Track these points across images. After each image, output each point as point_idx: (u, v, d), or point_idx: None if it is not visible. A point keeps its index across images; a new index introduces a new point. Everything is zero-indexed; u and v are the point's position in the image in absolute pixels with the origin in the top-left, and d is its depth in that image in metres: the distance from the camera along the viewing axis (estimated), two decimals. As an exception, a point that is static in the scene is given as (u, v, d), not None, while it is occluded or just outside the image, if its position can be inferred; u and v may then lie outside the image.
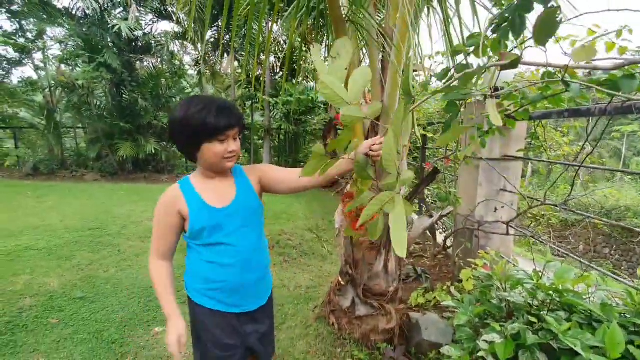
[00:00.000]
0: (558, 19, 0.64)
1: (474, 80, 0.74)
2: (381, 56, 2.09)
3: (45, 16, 8.11)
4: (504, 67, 0.71)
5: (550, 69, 0.92)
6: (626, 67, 1.04)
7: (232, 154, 1.16)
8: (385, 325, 2.23)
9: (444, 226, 4.61)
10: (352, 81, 0.88)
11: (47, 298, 2.74)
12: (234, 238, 1.20)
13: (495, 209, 2.50)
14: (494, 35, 0.80)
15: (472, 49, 0.72)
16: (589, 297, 1.25)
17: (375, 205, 0.83)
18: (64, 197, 6.24)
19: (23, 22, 9.10)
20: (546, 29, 0.64)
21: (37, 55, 9.84)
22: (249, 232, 1.25)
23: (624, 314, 1.13)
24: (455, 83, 0.80)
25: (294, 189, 1.33)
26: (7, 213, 4.92)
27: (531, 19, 0.75)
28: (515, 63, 0.71)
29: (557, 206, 1.83)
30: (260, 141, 10.52)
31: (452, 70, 0.80)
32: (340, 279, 2.44)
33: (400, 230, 0.80)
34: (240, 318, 1.27)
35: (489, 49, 0.82)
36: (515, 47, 0.84)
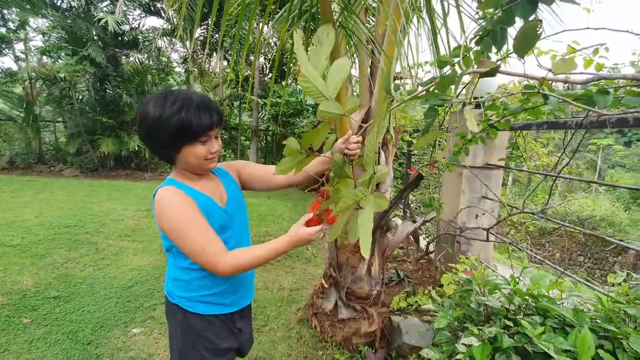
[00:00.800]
0: (538, 32, 0.67)
1: (453, 87, 0.76)
2: (370, 62, 2.13)
3: (28, 6, 7.85)
4: (483, 75, 0.74)
5: (531, 81, 0.96)
6: (601, 83, 1.09)
7: (214, 155, 1.07)
8: (367, 329, 2.25)
9: (427, 231, 4.69)
10: (331, 75, 0.86)
11: (19, 297, 2.64)
12: (237, 236, 1.16)
13: (477, 216, 2.56)
14: (478, 48, 0.83)
15: (457, 59, 0.74)
16: (562, 303, 1.29)
17: (349, 198, 0.83)
18: (40, 192, 6.03)
19: (5, 11, 8.80)
20: (526, 41, 0.67)
21: (18, 46, 9.53)
22: (245, 229, 1.23)
23: (595, 319, 1.18)
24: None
25: (270, 187, 1.29)
26: (-21, 208, 4.72)
27: (512, 32, 0.79)
28: (493, 71, 0.73)
29: (534, 214, 1.90)
30: (247, 142, 10.45)
31: (434, 79, 0.83)
32: (323, 282, 2.45)
33: (367, 230, 0.81)
34: (234, 315, 1.22)
35: (473, 61, 0.85)
36: (500, 60, 0.87)
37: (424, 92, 0.81)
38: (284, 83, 8.51)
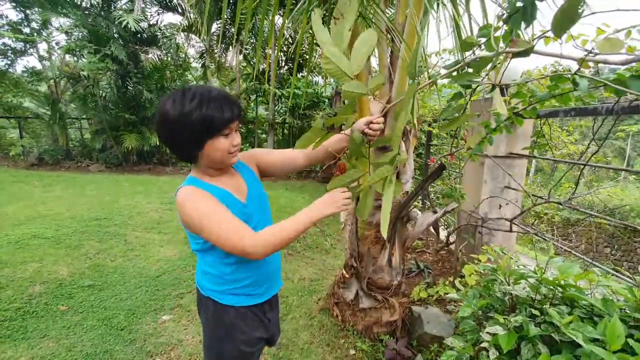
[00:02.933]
0: (580, 11, 0.63)
1: (488, 68, 0.74)
2: (389, 52, 2.11)
3: (50, 5, 8.10)
4: (516, 55, 0.72)
5: (564, 64, 0.94)
6: (634, 67, 1.06)
7: (236, 148, 1.07)
8: (388, 318, 2.28)
9: (446, 223, 4.64)
10: (356, 49, 0.84)
11: (56, 285, 2.79)
12: (260, 229, 1.13)
13: (500, 206, 2.52)
14: (505, 27, 0.81)
15: (483, 40, 0.72)
16: (591, 293, 1.28)
17: (377, 176, 0.84)
18: (69, 187, 6.30)
19: (28, 12, 9.12)
20: (566, 20, 0.63)
21: (42, 45, 9.88)
22: (268, 221, 1.24)
23: (625, 308, 1.16)
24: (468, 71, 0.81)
25: (290, 169, 1.29)
26: (15, 202, 4.98)
27: (542, 10, 0.75)
28: (528, 51, 0.70)
29: (561, 204, 1.86)
30: (264, 135, 10.54)
31: (465, 60, 0.80)
32: (344, 272, 2.48)
33: (387, 209, 0.83)
34: (264, 306, 1.25)
35: (500, 41, 0.83)
36: (536, 39, 0.83)
37: (455, 72, 0.80)
38: (303, 75, 8.50)
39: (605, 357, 0.92)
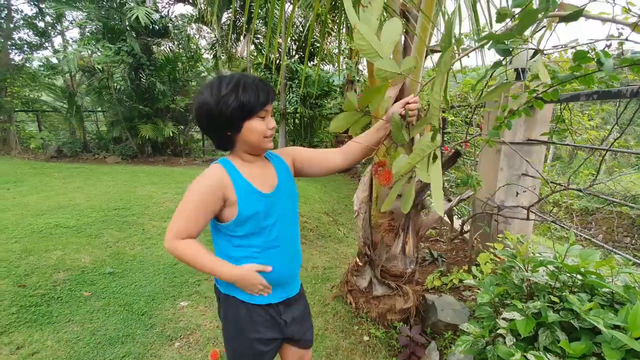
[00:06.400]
0: None
1: (530, 31, 0.70)
2: (404, 37, 2.06)
3: (63, -1, 8.21)
4: (563, 19, 0.68)
5: (585, 47, 0.90)
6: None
7: (272, 131, 1.10)
8: (402, 305, 2.28)
9: (460, 212, 4.59)
10: (384, 34, 0.84)
11: (79, 272, 2.89)
12: (280, 225, 1.15)
13: (517, 194, 2.48)
14: None
15: (518, 10, 0.69)
16: (612, 281, 1.25)
17: (418, 154, 0.83)
18: (88, 178, 6.47)
19: (42, 5, 9.26)
20: None
21: (57, 39, 10.05)
22: (292, 218, 1.21)
23: (647, 296, 1.13)
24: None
25: (328, 169, 1.27)
26: (37, 193, 5.15)
27: None
28: (577, 14, 0.67)
29: (581, 191, 1.81)
30: (276, 125, 10.53)
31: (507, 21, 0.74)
32: (358, 260, 2.49)
33: (438, 187, 0.81)
34: (280, 307, 1.22)
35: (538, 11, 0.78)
36: (584, 5, 0.79)
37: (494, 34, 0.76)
38: (312, 64, 8.43)
39: (628, 342, 0.91)
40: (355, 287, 2.49)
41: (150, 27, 8.87)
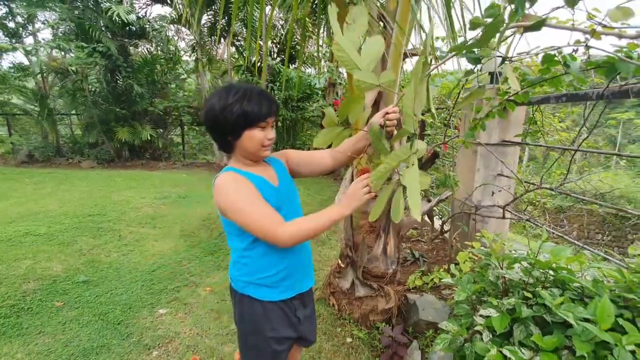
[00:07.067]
0: None
1: (495, 39, 0.73)
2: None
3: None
4: (527, 29, 0.71)
5: (552, 52, 0.94)
6: (624, 50, 1.06)
7: (270, 142, 1.16)
8: (384, 306, 2.30)
9: (440, 212, 4.67)
10: (366, 49, 0.86)
11: (50, 282, 2.77)
12: (290, 217, 1.18)
13: (493, 193, 2.54)
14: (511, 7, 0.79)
15: (489, 20, 0.71)
16: (582, 275, 1.30)
17: (393, 160, 0.83)
18: (61, 183, 6.23)
19: (12, 5, 8.88)
20: None
21: (28, 40, 9.64)
22: (297, 211, 1.29)
23: (615, 289, 1.18)
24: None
25: (319, 169, 1.35)
26: (6, 199, 4.92)
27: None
28: (540, 24, 0.70)
29: (552, 189, 1.87)
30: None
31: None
32: (340, 262, 2.49)
33: (415, 192, 0.82)
34: (295, 302, 1.27)
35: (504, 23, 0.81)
36: (546, 14, 0.82)
37: (464, 45, 0.78)
38: (294, 66, 8.42)
39: (597, 334, 0.94)
40: (338, 289, 2.49)
41: (127, 28, 8.67)
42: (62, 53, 9.13)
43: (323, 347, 2.17)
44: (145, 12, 9.41)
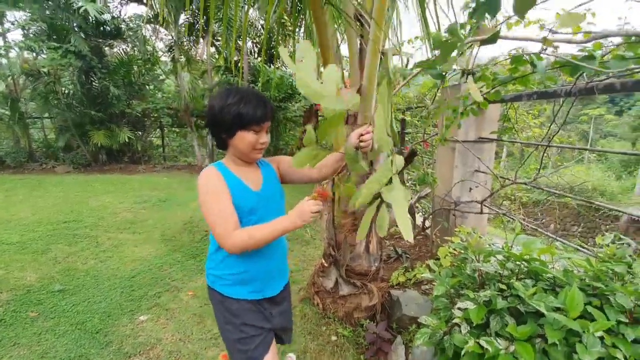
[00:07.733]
0: None
1: (454, 54, 0.76)
2: (359, 40, 2.11)
3: (3, -2, 7.56)
4: (483, 42, 0.74)
5: (520, 51, 0.97)
6: (587, 48, 1.11)
7: (262, 146, 1.22)
8: (367, 303, 2.32)
9: (422, 208, 4.75)
10: (325, 79, 0.89)
11: (24, 292, 2.67)
12: (269, 220, 1.22)
13: (470, 189, 2.60)
14: (473, 19, 0.83)
15: (449, 38, 0.74)
16: (553, 266, 1.35)
17: (374, 183, 0.84)
18: (34, 190, 5.99)
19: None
20: (526, 1, 0.66)
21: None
22: (280, 215, 1.29)
23: (584, 278, 1.23)
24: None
25: (305, 180, 1.43)
26: (-26, 208, 4.69)
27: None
28: (494, 37, 0.73)
29: (526, 184, 1.94)
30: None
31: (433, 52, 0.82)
32: (323, 261, 2.50)
33: (403, 212, 0.82)
34: (264, 304, 1.33)
35: (466, 31, 0.85)
36: (500, 24, 0.86)
37: (421, 68, 0.81)
38: (273, 67, 8.37)
39: (566, 323, 0.98)
40: (322, 288, 2.50)
41: (102, 28, 8.41)
42: (34, 54, 8.77)
43: (308, 347, 2.17)
44: (120, 12, 9.16)
